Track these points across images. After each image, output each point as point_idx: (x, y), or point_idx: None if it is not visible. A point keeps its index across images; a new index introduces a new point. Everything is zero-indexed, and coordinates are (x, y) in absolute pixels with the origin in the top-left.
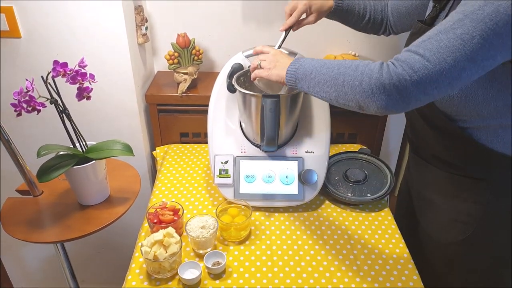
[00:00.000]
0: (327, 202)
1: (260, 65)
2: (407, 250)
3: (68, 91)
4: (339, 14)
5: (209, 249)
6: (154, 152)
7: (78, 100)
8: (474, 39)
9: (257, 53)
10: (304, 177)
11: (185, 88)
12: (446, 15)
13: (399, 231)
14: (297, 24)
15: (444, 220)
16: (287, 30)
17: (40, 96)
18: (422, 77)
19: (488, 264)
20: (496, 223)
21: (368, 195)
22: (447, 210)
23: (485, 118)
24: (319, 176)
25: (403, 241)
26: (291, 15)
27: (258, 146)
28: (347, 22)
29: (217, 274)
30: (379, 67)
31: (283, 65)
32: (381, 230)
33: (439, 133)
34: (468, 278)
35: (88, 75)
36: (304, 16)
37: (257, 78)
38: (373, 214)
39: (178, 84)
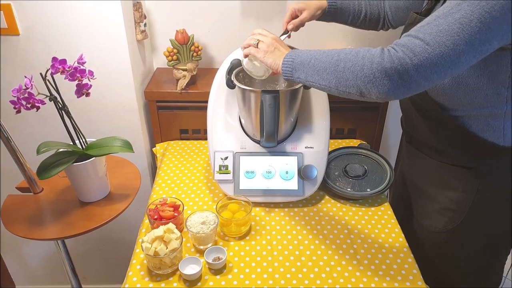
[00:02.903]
0: (327, 197)
1: (257, 45)
2: (407, 244)
3: (67, 88)
4: (333, 15)
5: (209, 245)
6: (154, 149)
7: (78, 97)
8: (472, 23)
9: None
10: (303, 173)
11: (185, 84)
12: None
13: (398, 226)
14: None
15: (434, 209)
16: (288, 31)
17: (39, 93)
18: (422, 60)
19: (476, 252)
20: (484, 213)
21: (368, 190)
22: (438, 199)
23: (476, 107)
24: (318, 172)
25: (402, 235)
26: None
27: (257, 142)
28: (343, 22)
29: (218, 270)
30: (380, 52)
31: (281, 54)
32: (380, 225)
33: (432, 122)
34: (458, 265)
35: (87, 71)
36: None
37: (248, 58)
38: (372, 208)
39: (177, 80)
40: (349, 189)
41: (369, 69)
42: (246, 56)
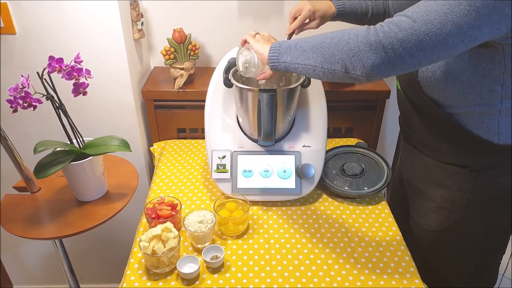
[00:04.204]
0: (324, 196)
1: (253, 33)
2: (404, 243)
3: (64, 87)
4: (342, 17)
5: (207, 244)
6: (151, 148)
7: (75, 96)
8: (461, 5)
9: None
10: (301, 171)
11: (182, 83)
12: None
13: (396, 224)
14: (299, 28)
15: (430, 208)
16: (290, 34)
17: (36, 92)
18: (408, 35)
19: (472, 250)
20: (479, 211)
21: (365, 188)
22: (433, 198)
23: (470, 104)
24: (316, 170)
25: (400, 233)
26: (295, 18)
27: (255, 141)
28: (350, 21)
29: (216, 268)
30: (367, 27)
31: (270, 43)
32: (378, 223)
33: (427, 120)
34: (454, 264)
35: (84, 70)
36: (307, 20)
37: (240, 50)
38: (370, 207)
39: (175, 79)
40: (346, 188)
41: (354, 42)
42: (243, 43)
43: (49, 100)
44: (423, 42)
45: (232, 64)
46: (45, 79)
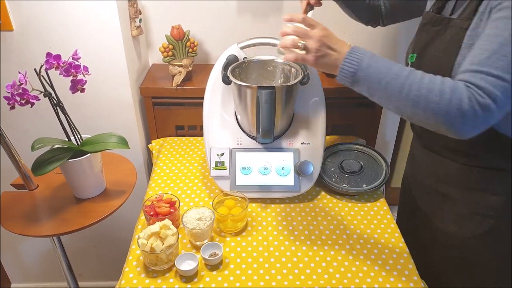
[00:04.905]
0: (323, 193)
1: (300, 44)
2: (403, 240)
3: (62, 85)
4: None
5: (206, 241)
6: (149, 145)
7: (72, 93)
8: None
9: (291, 21)
10: (300, 169)
11: (180, 80)
12: (455, 4)
13: (394, 221)
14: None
15: (461, 214)
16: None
17: (33, 89)
18: (502, 100)
19: (506, 259)
20: None
21: (364, 185)
22: (464, 203)
23: None
24: (314, 167)
25: (398, 230)
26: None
27: (254, 138)
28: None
29: (214, 265)
30: (457, 86)
31: (335, 58)
32: (376, 220)
33: None
34: (477, 276)
35: (81, 67)
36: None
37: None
38: (368, 204)
39: (173, 76)
40: (345, 185)
41: (446, 107)
42: (283, 47)
43: (47, 97)
44: None
45: (230, 61)
46: (42, 76)
